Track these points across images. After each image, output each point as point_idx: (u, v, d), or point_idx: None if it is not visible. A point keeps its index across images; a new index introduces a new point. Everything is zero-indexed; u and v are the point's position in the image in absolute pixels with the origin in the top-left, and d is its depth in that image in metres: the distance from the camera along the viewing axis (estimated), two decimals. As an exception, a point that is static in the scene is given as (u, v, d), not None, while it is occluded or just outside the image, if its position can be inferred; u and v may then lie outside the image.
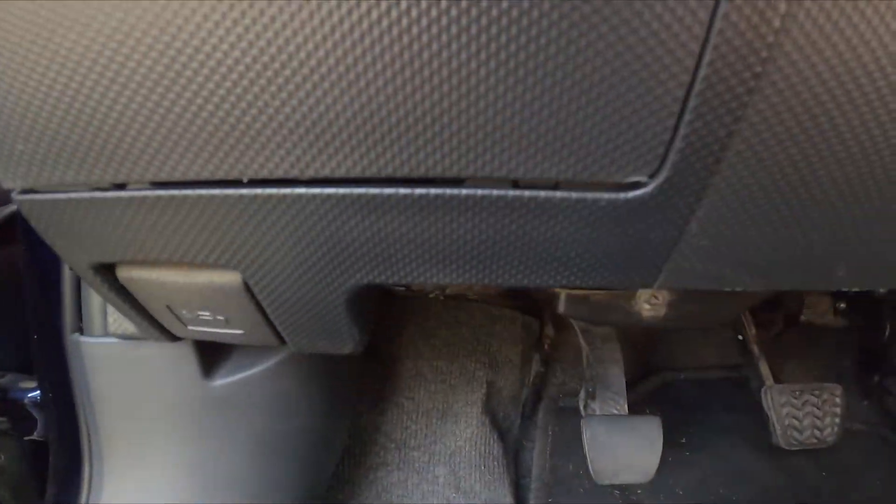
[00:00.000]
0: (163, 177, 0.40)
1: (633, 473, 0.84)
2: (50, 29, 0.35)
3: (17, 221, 1.13)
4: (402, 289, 1.14)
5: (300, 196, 0.41)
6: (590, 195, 0.41)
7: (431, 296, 1.22)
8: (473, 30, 0.34)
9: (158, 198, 0.42)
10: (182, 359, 0.71)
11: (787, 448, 0.98)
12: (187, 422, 0.75)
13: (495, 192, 0.41)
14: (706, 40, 0.33)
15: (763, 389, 1.03)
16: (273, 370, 0.75)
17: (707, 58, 0.34)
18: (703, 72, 0.35)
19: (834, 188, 0.43)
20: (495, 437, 1.13)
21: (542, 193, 0.41)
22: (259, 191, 0.41)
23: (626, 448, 0.85)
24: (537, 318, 1.27)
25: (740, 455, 1.13)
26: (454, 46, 0.34)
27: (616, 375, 0.98)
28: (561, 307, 0.68)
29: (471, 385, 1.16)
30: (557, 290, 0.68)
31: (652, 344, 1.32)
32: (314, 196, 0.41)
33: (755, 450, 1.13)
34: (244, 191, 0.41)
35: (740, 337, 1.13)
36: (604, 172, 0.40)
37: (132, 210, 0.43)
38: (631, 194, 0.41)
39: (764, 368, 1.06)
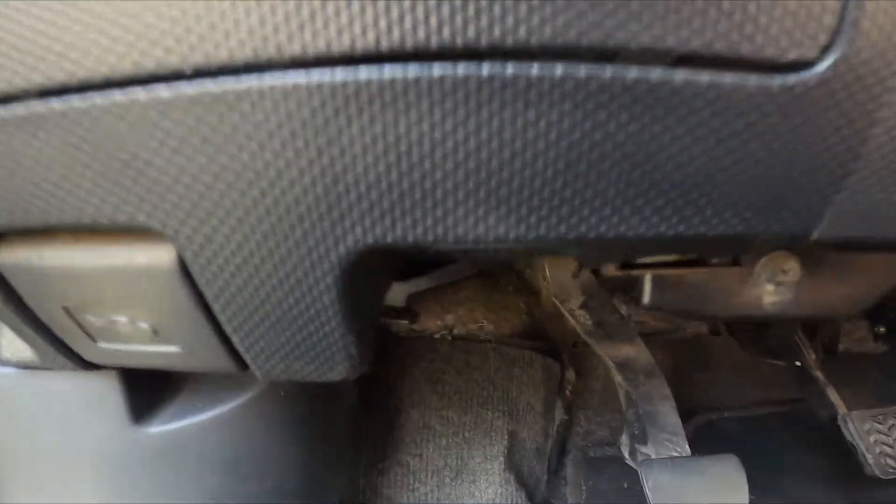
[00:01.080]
0: (60, 79, 0.25)
1: (713, 524, 0.66)
2: None
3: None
4: (405, 322, 0.98)
5: (272, 89, 0.25)
6: (728, 78, 0.27)
7: (437, 336, 1.06)
8: None
9: (50, 113, 0.27)
10: (103, 396, 0.53)
11: (883, 478, 0.84)
12: (111, 479, 0.56)
13: (583, 68, 0.26)
14: None
15: (840, 417, 0.87)
16: (236, 414, 0.57)
17: None
18: None
19: None
20: (522, 496, 0.95)
21: (655, 73, 0.26)
22: (211, 85, 0.25)
23: (700, 494, 0.68)
24: (557, 362, 1.11)
25: (811, 492, 0.99)
26: None
27: (669, 413, 0.82)
28: (645, 297, 0.50)
29: (489, 437, 0.98)
30: (640, 272, 0.51)
31: (687, 383, 1.17)
32: (295, 87, 0.25)
33: (823, 484, 1.00)
34: (186, 87, 0.26)
35: (798, 363, 0.97)
36: (751, 44, 0.26)
37: (18, 138, 0.28)
38: (791, 78, 0.27)
39: (833, 395, 0.91)
